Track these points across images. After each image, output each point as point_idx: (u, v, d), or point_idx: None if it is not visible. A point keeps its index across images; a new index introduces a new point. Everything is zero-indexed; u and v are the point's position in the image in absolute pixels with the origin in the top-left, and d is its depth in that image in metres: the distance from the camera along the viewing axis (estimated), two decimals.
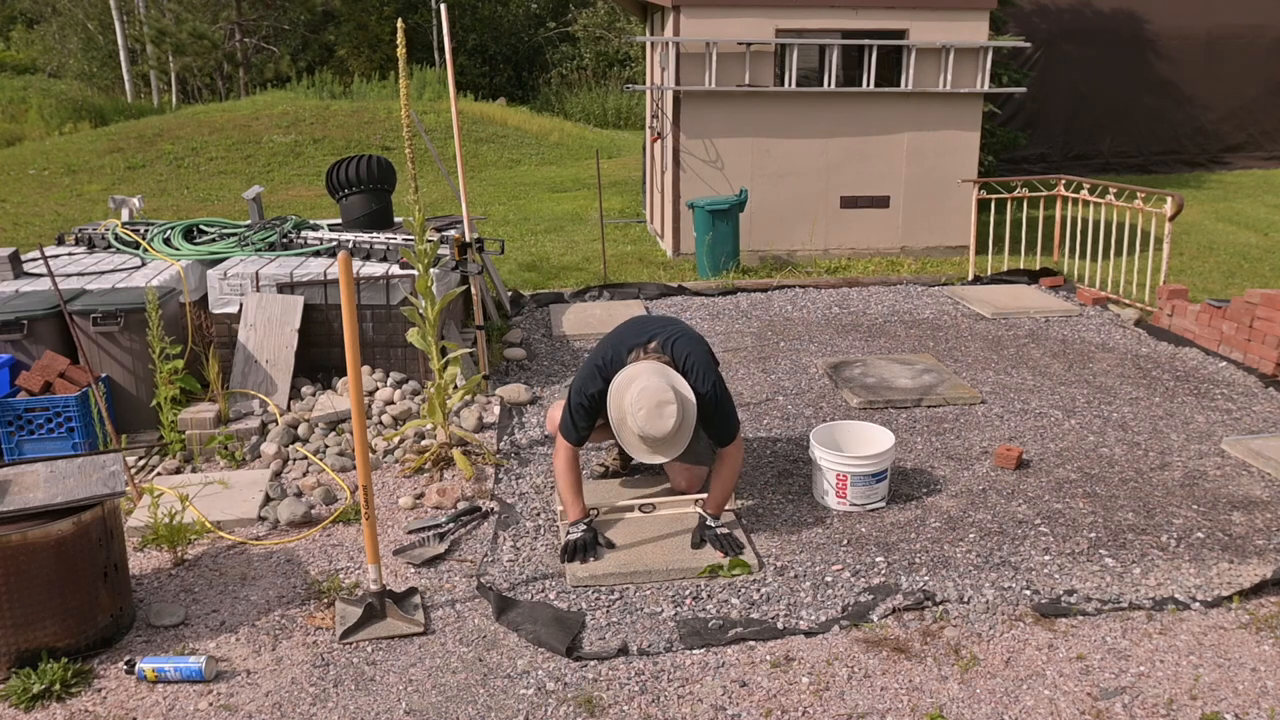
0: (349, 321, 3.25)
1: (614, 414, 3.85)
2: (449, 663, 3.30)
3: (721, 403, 3.99)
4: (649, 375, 3.82)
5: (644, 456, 3.90)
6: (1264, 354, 5.95)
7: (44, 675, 3.15)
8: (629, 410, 3.78)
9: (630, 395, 3.79)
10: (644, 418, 3.74)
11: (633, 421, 3.78)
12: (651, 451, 3.87)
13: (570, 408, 4.00)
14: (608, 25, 25.82)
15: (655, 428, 3.74)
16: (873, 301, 7.78)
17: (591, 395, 3.95)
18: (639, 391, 3.77)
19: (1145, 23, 14.39)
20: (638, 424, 3.76)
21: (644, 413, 3.74)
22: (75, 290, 5.29)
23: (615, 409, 3.85)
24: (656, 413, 3.73)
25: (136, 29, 25.62)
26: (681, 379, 3.89)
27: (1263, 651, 3.29)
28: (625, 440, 3.87)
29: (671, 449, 3.87)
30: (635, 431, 3.80)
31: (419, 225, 4.76)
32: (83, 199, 13.36)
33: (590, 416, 3.99)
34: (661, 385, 3.76)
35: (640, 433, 3.78)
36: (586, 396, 3.96)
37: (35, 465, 3.59)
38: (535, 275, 8.88)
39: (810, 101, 8.88)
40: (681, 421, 3.79)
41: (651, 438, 3.78)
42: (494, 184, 14.57)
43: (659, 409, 3.73)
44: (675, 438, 3.82)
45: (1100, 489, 4.47)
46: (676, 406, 3.75)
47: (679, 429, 3.80)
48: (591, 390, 3.95)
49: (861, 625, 3.46)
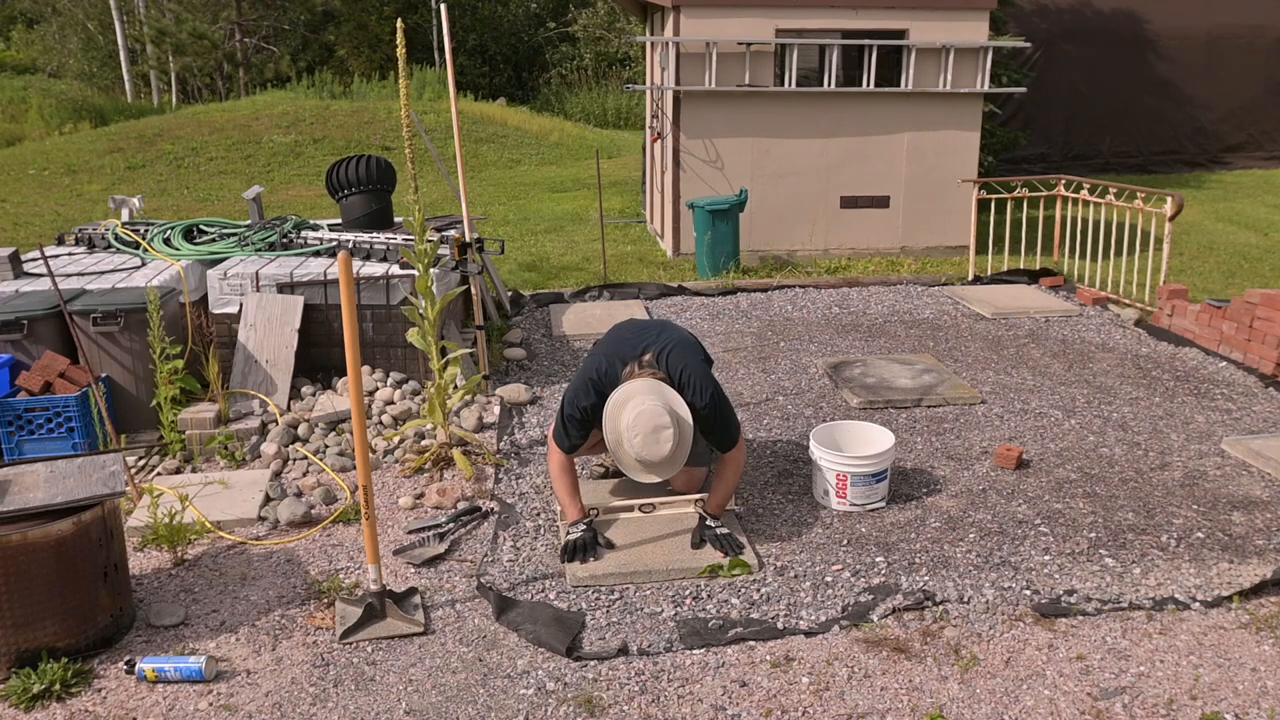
0: (349, 321, 3.25)
1: (610, 437, 3.87)
2: (449, 663, 3.30)
3: (721, 411, 3.99)
4: (644, 396, 3.82)
5: (641, 477, 3.93)
6: (1264, 354, 5.95)
7: (44, 675, 3.15)
8: (625, 435, 3.80)
9: (626, 419, 3.80)
10: (640, 443, 3.76)
11: (629, 445, 3.80)
12: (648, 472, 3.90)
13: (563, 418, 4.02)
14: (608, 25, 25.81)
15: (652, 452, 3.77)
16: (873, 301, 7.78)
17: (584, 409, 3.97)
18: (635, 415, 3.77)
19: (1145, 23, 14.39)
20: (634, 448, 3.79)
21: (640, 438, 3.76)
22: (75, 290, 5.29)
23: (611, 432, 3.86)
24: (653, 438, 3.75)
25: (136, 29, 25.62)
26: (677, 396, 3.89)
27: (1263, 651, 3.29)
28: (622, 462, 3.90)
29: (669, 469, 3.90)
30: (632, 455, 3.82)
31: (419, 225, 4.76)
32: (83, 199, 13.36)
33: (583, 428, 4.00)
34: (657, 408, 3.77)
35: (637, 457, 3.81)
36: (579, 409, 3.97)
37: (35, 465, 3.59)
38: (535, 275, 8.88)
39: (810, 101, 8.88)
40: (678, 443, 3.81)
41: (648, 461, 3.81)
42: (494, 184, 14.57)
43: (655, 434, 3.75)
44: (673, 458, 3.85)
45: (1100, 489, 4.47)
46: (673, 430, 3.76)
47: (676, 450, 3.82)
48: (584, 404, 3.97)
49: (861, 625, 3.46)
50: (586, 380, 3.99)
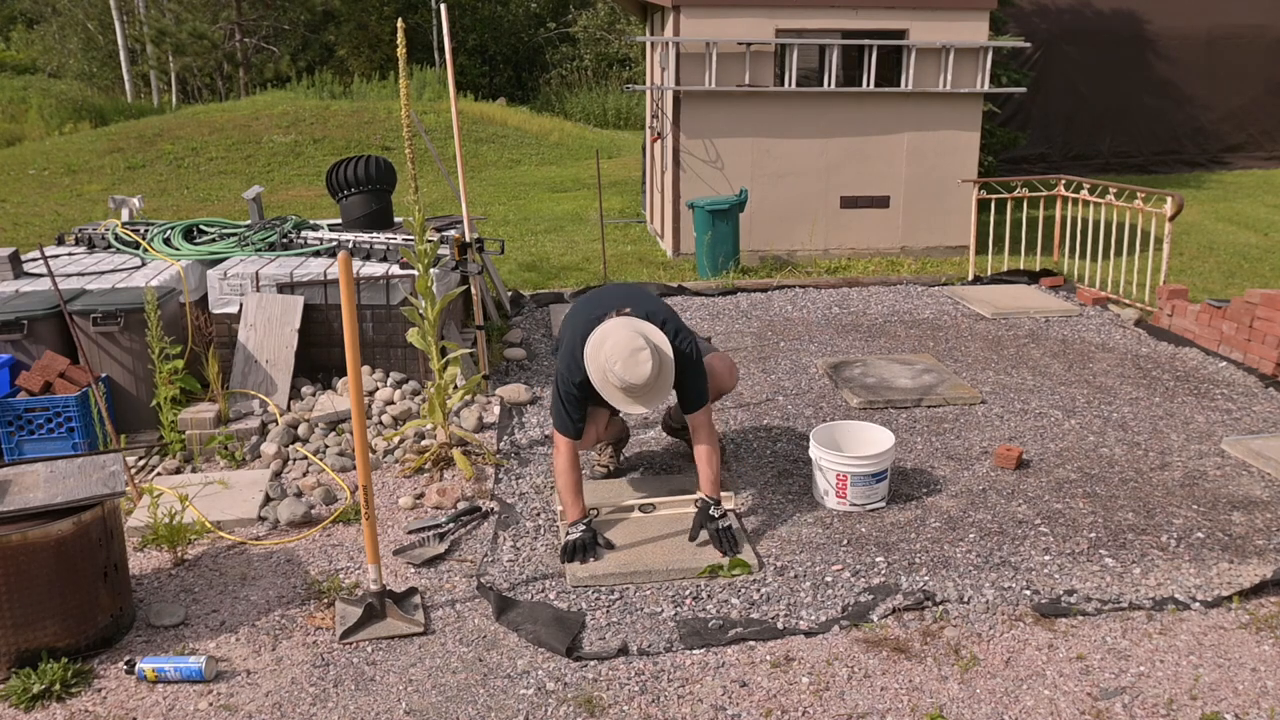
0: (349, 321, 3.25)
1: (595, 376, 3.87)
2: (449, 663, 3.30)
3: (699, 355, 4.03)
4: (619, 330, 3.85)
5: (632, 408, 3.91)
6: (1264, 354, 5.95)
7: (44, 675, 3.15)
8: (607, 366, 3.81)
9: (605, 351, 3.82)
10: (621, 369, 3.76)
11: (612, 377, 3.80)
12: (637, 402, 3.88)
13: (561, 401, 4.01)
14: (608, 26, 25.82)
15: (634, 374, 3.76)
16: (873, 301, 7.78)
17: (578, 384, 3.96)
18: (612, 345, 3.80)
19: (1145, 23, 14.39)
20: (616, 376, 3.78)
21: (620, 364, 3.76)
22: (75, 290, 5.29)
23: (595, 370, 3.87)
24: (632, 361, 3.76)
25: (136, 29, 25.63)
26: (655, 329, 3.93)
27: (1263, 651, 3.29)
28: (611, 396, 3.88)
29: (656, 396, 3.88)
30: (617, 385, 3.82)
31: (419, 225, 4.76)
32: (83, 199, 13.36)
33: (581, 405, 4.01)
34: (632, 334, 3.81)
35: (621, 384, 3.80)
36: (574, 385, 3.96)
37: (35, 465, 3.59)
38: (535, 275, 8.89)
39: (810, 101, 8.88)
40: (660, 367, 3.83)
41: (633, 386, 3.80)
42: (494, 184, 14.58)
43: (633, 356, 3.76)
44: (658, 384, 3.84)
45: (1100, 489, 4.47)
46: (650, 352, 3.78)
47: (659, 374, 3.83)
48: (578, 379, 3.95)
49: (861, 625, 3.46)
50: (570, 356, 3.98)
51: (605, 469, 4.65)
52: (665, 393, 3.91)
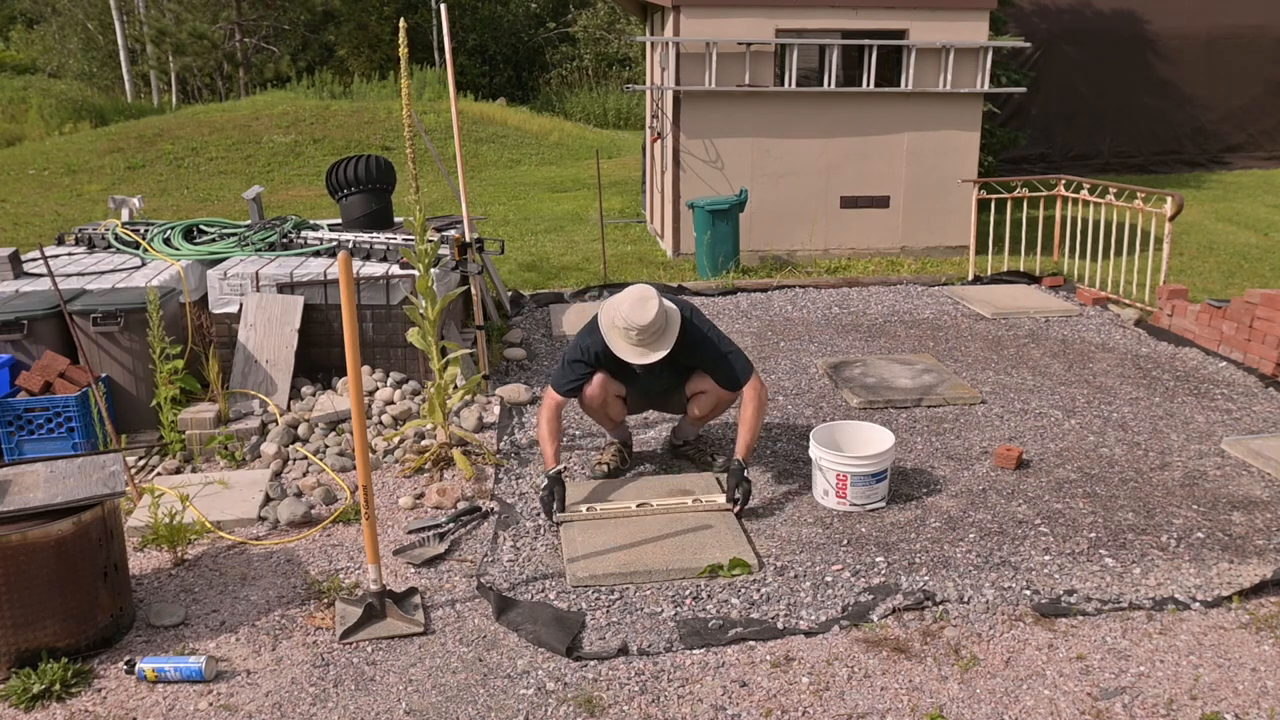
0: (349, 321, 3.25)
1: (604, 323, 4.19)
2: (449, 663, 3.30)
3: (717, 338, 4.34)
4: (633, 288, 4.18)
5: (637, 357, 4.15)
6: (1264, 354, 5.95)
7: (44, 675, 3.15)
8: (616, 309, 4.11)
9: (615, 300, 4.17)
10: (628, 309, 4.05)
11: (619, 318, 4.08)
12: (642, 348, 4.12)
13: (566, 363, 4.32)
14: (608, 26, 25.81)
15: (639, 315, 4.02)
16: (873, 301, 7.78)
17: (589, 349, 4.27)
18: (623, 295, 4.15)
19: (1145, 23, 14.39)
20: (623, 317, 4.05)
21: (628, 305, 4.06)
22: (75, 290, 5.29)
23: (605, 320, 4.19)
24: (639, 304, 4.05)
25: (136, 29, 25.62)
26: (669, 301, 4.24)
27: (1263, 651, 3.29)
28: (617, 345, 4.15)
29: (661, 343, 4.13)
30: (623, 328, 4.07)
31: (419, 225, 4.76)
32: (83, 199, 13.36)
33: (582, 371, 4.28)
34: (644, 289, 4.14)
35: (626, 325, 4.04)
36: (584, 350, 4.30)
37: (35, 465, 3.59)
38: (535, 275, 8.88)
39: (810, 101, 8.88)
40: (666, 317, 4.13)
41: (636, 326, 4.03)
42: (494, 184, 14.57)
43: (641, 301, 4.06)
44: (660, 328, 4.10)
45: (1100, 489, 4.47)
46: (657, 301, 4.08)
47: (666, 323, 4.12)
48: (590, 345, 4.27)
49: (861, 625, 3.46)
50: (590, 328, 4.29)
51: (606, 468, 4.66)
52: (668, 345, 4.13)
